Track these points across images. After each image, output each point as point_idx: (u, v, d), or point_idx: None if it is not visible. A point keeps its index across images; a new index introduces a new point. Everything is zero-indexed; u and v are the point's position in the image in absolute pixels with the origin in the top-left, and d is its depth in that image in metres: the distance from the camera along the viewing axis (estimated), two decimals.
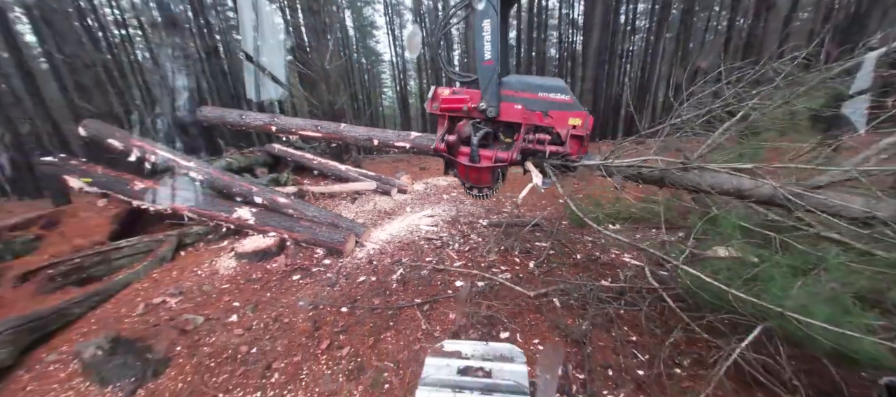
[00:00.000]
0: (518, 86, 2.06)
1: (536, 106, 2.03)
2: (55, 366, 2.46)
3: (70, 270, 3.28)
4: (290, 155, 8.34)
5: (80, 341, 2.53)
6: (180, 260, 4.05)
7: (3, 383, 2.35)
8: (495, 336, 2.77)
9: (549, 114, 2.02)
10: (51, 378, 2.38)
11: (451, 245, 4.52)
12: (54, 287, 3.16)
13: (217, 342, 2.78)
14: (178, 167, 4.97)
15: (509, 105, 2.09)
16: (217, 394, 2.32)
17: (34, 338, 2.57)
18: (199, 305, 3.19)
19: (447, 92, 2.28)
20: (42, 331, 2.63)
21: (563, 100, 1.98)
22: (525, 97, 2.05)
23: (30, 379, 2.38)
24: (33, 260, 3.42)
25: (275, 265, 3.91)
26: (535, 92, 2.01)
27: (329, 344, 2.75)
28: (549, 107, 2.01)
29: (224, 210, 4.48)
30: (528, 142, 2.13)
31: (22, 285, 3.11)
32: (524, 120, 2.09)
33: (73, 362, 2.43)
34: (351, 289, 3.52)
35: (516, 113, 2.08)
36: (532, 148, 2.14)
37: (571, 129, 2.00)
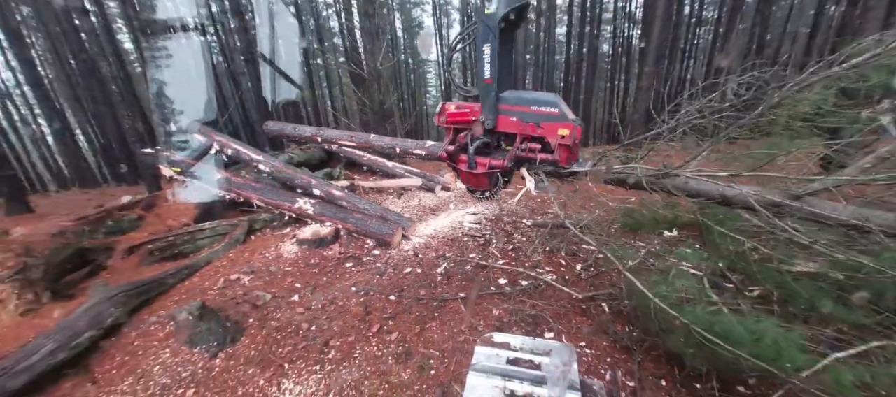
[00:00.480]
0: (514, 100, 2.28)
1: (529, 118, 2.24)
2: (155, 327, 2.90)
3: (164, 247, 3.82)
4: (342, 151, 8.86)
5: (175, 307, 2.96)
6: (251, 243, 4.52)
7: (116, 337, 2.82)
8: (540, 335, 2.77)
9: (541, 125, 2.21)
10: (152, 336, 2.82)
11: (495, 243, 4.55)
12: (152, 260, 3.70)
13: (282, 317, 3.09)
14: (250, 160, 5.53)
15: (506, 117, 2.32)
16: (283, 363, 2.59)
17: (139, 302, 3.05)
18: (267, 284, 3.55)
19: (453, 107, 2.56)
20: (144, 297, 3.11)
21: (552, 112, 2.16)
22: (520, 110, 2.26)
23: (136, 336, 2.83)
24: (137, 236, 4.04)
25: (330, 252, 4.22)
26: (529, 106, 2.23)
27: (379, 329, 2.93)
28: (540, 119, 2.20)
29: (287, 200, 4.91)
30: (522, 151, 2.34)
31: (128, 257, 3.69)
32: (519, 131, 2.31)
33: (169, 324, 2.85)
34: (398, 279, 3.70)
35: (512, 124, 2.31)
36: (525, 156, 2.35)
37: (560, 139, 2.17)
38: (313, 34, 22.11)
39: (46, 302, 2.94)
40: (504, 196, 6.84)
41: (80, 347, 2.44)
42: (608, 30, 23.69)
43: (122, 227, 4.13)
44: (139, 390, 2.35)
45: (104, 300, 2.73)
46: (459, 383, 2.39)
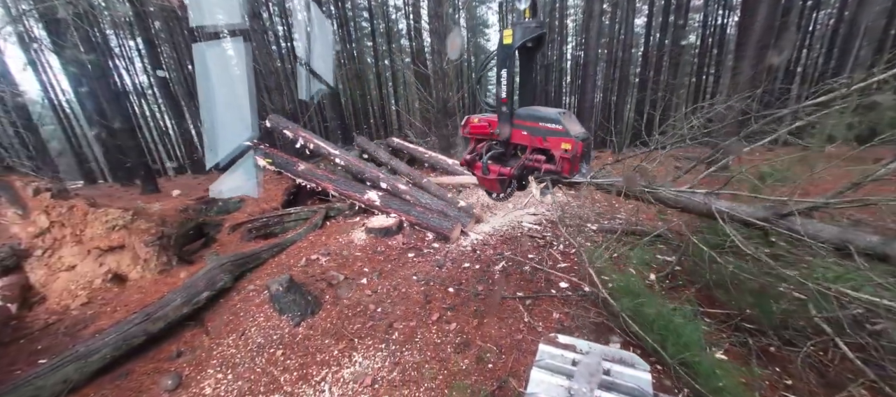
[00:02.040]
0: (525, 116, 2.56)
1: (537, 132, 2.51)
2: (253, 294, 3.41)
3: (260, 226, 4.44)
4: (406, 148, 9.29)
5: (268, 279, 3.44)
6: (327, 228, 5.02)
7: (224, 299, 3.37)
8: (604, 343, 2.67)
9: (547, 139, 2.47)
10: (251, 302, 3.31)
11: (556, 245, 4.44)
12: (250, 237, 4.33)
13: (353, 297, 3.40)
14: (329, 154, 6.10)
15: (518, 131, 2.62)
16: (353, 339, 2.87)
17: (241, 271, 3.60)
18: (340, 266, 3.93)
19: (476, 120, 2.92)
20: (245, 267, 3.67)
21: (556, 128, 2.41)
22: (530, 125, 2.53)
23: (239, 299, 3.36)
24: (239, 216, 4.74)
25: (394, 242, 4.50)
26: (537, 121, 2.50)
27: (439, 318, 3.07)
28: (546, 133, 2.47)
29: (358, 191, 5.33)
30: (529, 161, 2.63)
31: (232, 233, 4.35)
32: (529, 143, 2.59)
33: (263, 292, 3.32)
34: (456, 273, 3.82)
35: (523, 137, 2.60)
36: (531, 165, 2.62)
37: (563, 152, 2.39)
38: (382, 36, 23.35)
39: (175, 266, 3.64)
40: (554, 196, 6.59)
41: (198, 304, 2.98)
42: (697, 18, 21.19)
43: (229, 208, 4.89)
44: (241, 345, 2.79)
45: (216, 267, 3.29)
46: (516, 378, 2.43)
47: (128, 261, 3.51)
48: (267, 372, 2.55)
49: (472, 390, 2.32)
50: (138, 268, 3.52)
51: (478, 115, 2.99)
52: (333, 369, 2.60)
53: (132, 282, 3.50)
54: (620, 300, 2.73)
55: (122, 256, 3.54)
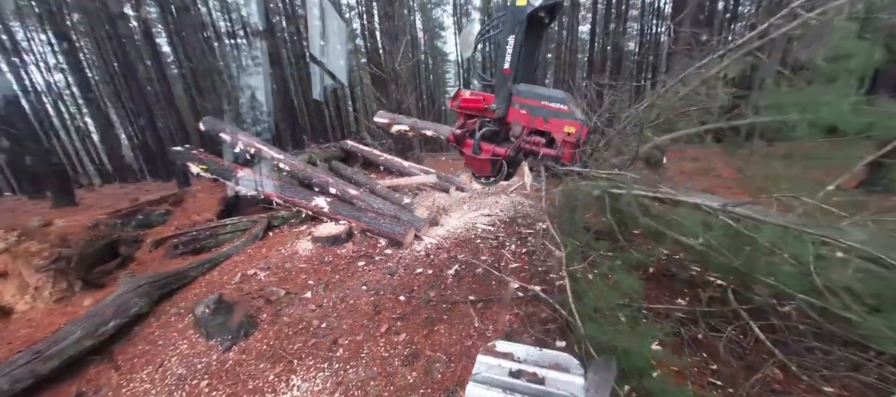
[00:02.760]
0: (526, 93, 2.32)
1: (538, 112, 2.29)
2: (175, 318, 3.03)
3: (189, 241, 4.00)
4: (360, 150, 8.99)
5: (195, 300, 3.08)
6: (269, 239, 4.66)
7: (139, 327, 2.97)
8: (551, 343, 2.70)
9: (549, 120, 2.25)
10: (171, 327, 2.95)
11: (508, 246, 4.47)
12: (176, 253, 3.88)
13: (294, 313, 3.15)
14: (272, 159, 5.69)
15: (516, 110, 2.38)
16: (292, 360, 2.64)
17: (162, 293, 3.20)
18: (281, 280, 3.64)
19: (467, 93, 2.64)
20: (167, 289, 3.26)
21: (560, 109, 2.19)
22: (530, 103, 2.31)
23: (158, 326, 2.97)
24: (164, 230, 4.24)
25: (344, 250, 4.28)
26: (539, 100, 2.27)
27: (387, 329, 2.93)
28: (548, 114, 2.24)
29: (304, 198, 5.02)
30: (526, 143, 2.40)
31: (155, 250, 3.88)
32: (527, 123, 2.36)
33: (188, 316, 2.97)
34: (409, 280, 3.71)
35: (521, 116, 2.37)
36: (528, 148, 2.41)
37: (565, 136, 2.22)
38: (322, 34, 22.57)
39: (78, 292, 3.14)
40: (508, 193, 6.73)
41: (105, 335, 2.58)
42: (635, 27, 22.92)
43: (152, 221, 4.36)
44: (157, 379, 2.46)
45: (130, 290, 2.88)
46: (464, 388, 2.36)
47: (12, 290, 2.95)
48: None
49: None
50: (27, 297, 2.97)
51: (469, 89, 2.72)
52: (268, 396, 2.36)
53: (19, 315, 2.95)
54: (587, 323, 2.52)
55: (4, 285, 2.97)
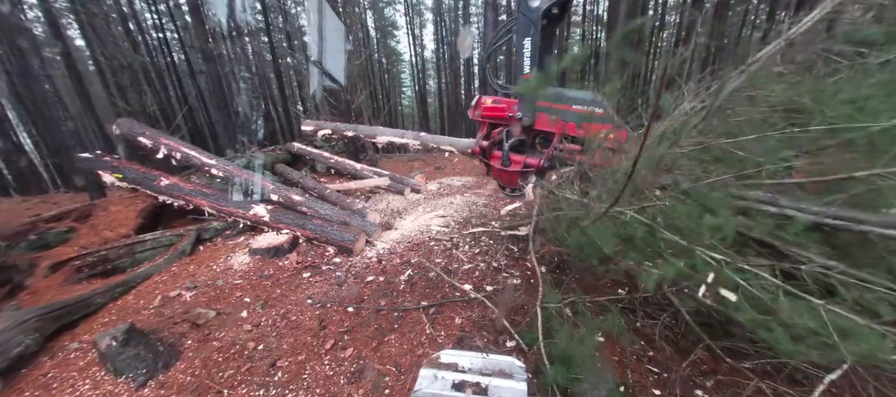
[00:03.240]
0: (554, 98, 2.08)
1: (570, 117, 2.04)
2: (76, 354, 2.59)
3: (96, 262, 3.46)
4: (309, 153, 8.53)
5: (101, 331, 2.65)
6: (199, 254, 4.19)
7: (28, 368, 2.49)
8: (502, 343, 2.68)
9: (582, 125, 2.04)
10: (70, 365, 2.50)
11: (461, 247, 4.44)
12: (80, 278, 3.34)
13: (226, 337, 2.84)
14: (202, 164, 5.15)
15: (544, 115, 2.11)
16: (222, 390, 2.36)
17: (59, 326, 2.71)
18: (212, 299, 3.28)
19: (489, 101, 2.43)
20: (67, 320, 2.78)
21: (596, 113, 1.97)
22: (560, 109, 2.07)
23: (52, 365, 2.51)
24: (65, 251, 3.64)
25: (287, 262, 3.97)
26: (571, 104, 2.03)
27: (333, 345, 2.74)
28: (582, 118, 2.02)
29: (241, 206, 4.60)
30: (560, 151, 2.13)
31: (52, 275, 3.30)
32: (558, 130, 2.12)
33: (91, 351, 2.54)
34: (359, 289, 3.52)
35: (551, 123, 2.04)
36: (563, 156, 2.15)
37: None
38: (282, 33, 21.36)
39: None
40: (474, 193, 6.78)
41: None
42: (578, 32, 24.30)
43: (48, 240, 3.71)
44: None
45: (12, 327, 2.40)
46: None
47: None
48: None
49: None
50: None
51: (490, 97, 2.42)
52: None
53: None
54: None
55: None
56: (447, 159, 12.52)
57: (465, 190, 7.60)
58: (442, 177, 9.15)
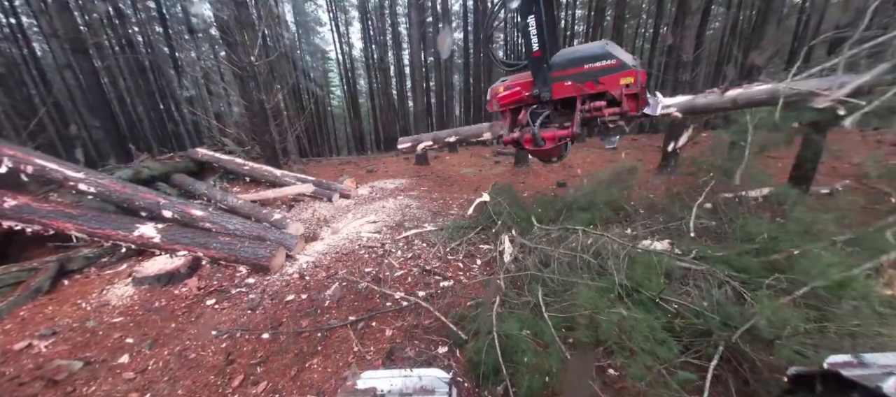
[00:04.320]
0: (564, 64, 2.11)
1: (586, 77, 2.09)
2: None
3: None
4: (217, 160, 7.54)
5: None
6: (62, 290, 3.37)
7: None
8: (433, 350, 2.61)
9: (600, 80, 2.06)
10: None
11: (394, 253, 4.29)
12: None
13: (98, 392, 2.30)
14: (64, 179, 4.18)
15: (560, 84, 2.16)
16: None
17: None
18: (78, 346, 2.64)
19: (503, 89, 2.38)
20: None
21: (609, 64, 2.01)
22: (573, 72, 2.11)
23: None
24: None
25: (184, 289, 3.40)
26: (582, 65, 2.07)
27: (243, 380, 2.40)
28: (598, 75, 2.05)
29: (122, 228, 3.83)
30: (587, 112, 2.20)
31: None
32: (577, 92, 2.15)
33: None
34: (277, 311, 3.16)
35: (568, 89, 2.15)
36: (590, 116, 2.21)
37: (625, 89, 2.04)
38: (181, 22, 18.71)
39: None
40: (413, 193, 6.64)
41: None
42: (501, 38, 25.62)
43: None
44: None
45: None
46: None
47: None
48: None
49: None
50: None
51: (501, 82, 2.40)
52: None
53: None
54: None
55: None
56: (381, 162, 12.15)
57: (399, 192, 7.43)
58: (374, 179, 8.83)
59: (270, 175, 7.10)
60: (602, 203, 4.65)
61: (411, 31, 10.69)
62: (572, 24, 24.00)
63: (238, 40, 6.55)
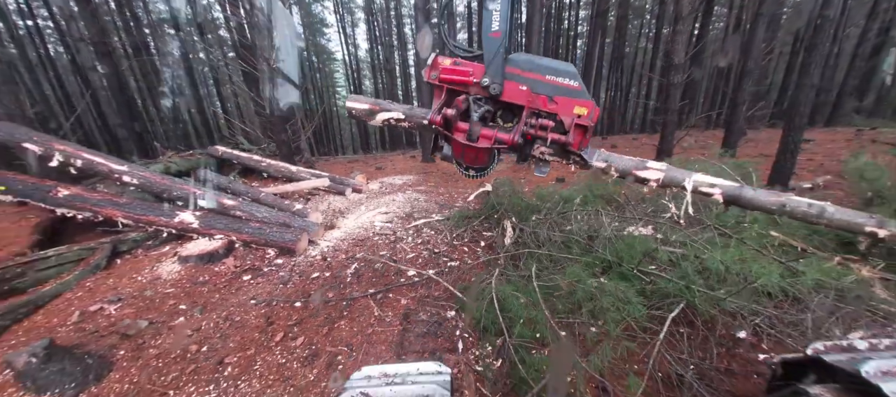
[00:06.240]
0: (526, 65, 1.90)
1: (543, 89, 1.89)
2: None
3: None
4: (236, 157, 8.04)
5: (9, 351, 2.40)
6: (116, 267, 3.85)
7: None
8: (443, 313, 3.03)
9: (555, 99, 1.89)
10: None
11: (405, 239, 4.73)
12: None
13: (164, 344, 2.76)
14: (109, 171, 4.67)
15: (514, 84, 1.93)
16: (167, 392, 2.35)
17: None
18: (141, 310, 3.11)
19: (448, 62, 2.09)
20: None
21: (570, 86, 1.85)
22: (532, 78, 1.90)
23: None
24: None
25: (223, 267, 3.87)
26: (544, 74, 1.88)
27: (283, 337, 2.85)
28: (555, 91, 1.88)
29: (164, 214, 4.30)
30: (530, 128, 1.98)
31: None
32: (528, 102, 1.93)
33: (5, 371, 2.31)
34: (305, 286, 3.62)
35: (521, 94, 1.93)
36: (533, 133, 2.00)
37: (576, 118, 1.89)
38: (192, 25, 19.26)
39: None
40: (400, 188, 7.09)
41: None
42: None
43: None
44: None
45: None
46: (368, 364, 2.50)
47: None
48: None
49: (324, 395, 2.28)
50: None
51: (449, 57, 2.10)
52: None
53: None
54: None
55: None
56: (388, 160, 12.63)
57: (407, 187, 7.89)
58: (383, 176, 9.30)
59: (287, 170, 7.58)
60: (596, 195, 5.06)
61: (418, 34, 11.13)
62: (576, 25, 24.36)
63: (257, 44, 7.03)
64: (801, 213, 2.25)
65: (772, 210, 2.29)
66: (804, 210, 2.24)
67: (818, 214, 2.22)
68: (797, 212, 2.25)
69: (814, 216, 2.23)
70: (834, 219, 2.21)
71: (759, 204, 2.29)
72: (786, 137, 4.81)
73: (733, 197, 2.32)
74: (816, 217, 2.23)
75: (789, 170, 5.05)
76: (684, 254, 3.07)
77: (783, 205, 2.25)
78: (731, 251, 2.64)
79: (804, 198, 2.27)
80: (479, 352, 2.59)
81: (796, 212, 2.25)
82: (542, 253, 3.47)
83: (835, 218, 2.20)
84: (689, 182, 2.31)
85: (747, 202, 2.30)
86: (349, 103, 2.76)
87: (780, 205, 2.25)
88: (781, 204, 2.25)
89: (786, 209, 2.25)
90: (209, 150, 8.27)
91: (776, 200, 2.26)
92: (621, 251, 3.17)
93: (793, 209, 2.25)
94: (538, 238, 3.81)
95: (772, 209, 2.28)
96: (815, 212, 2.22)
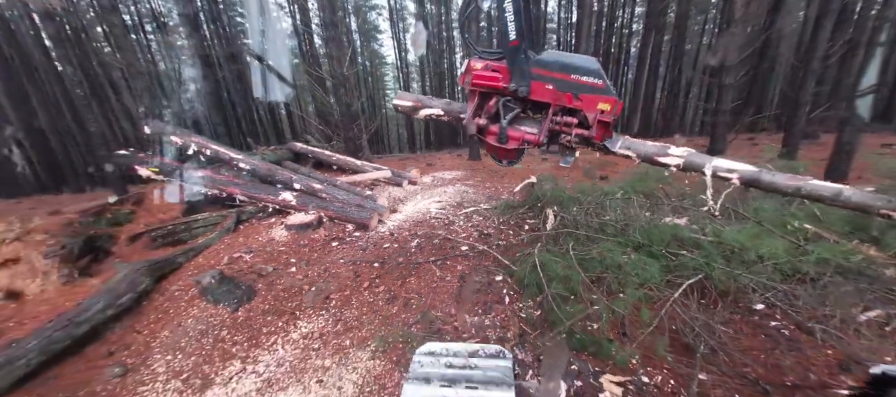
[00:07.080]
0: (552, 65, 2.00)
1: (568, 87, 2.00)
2: (179, 293, 3.45)
3: (165, 234, 4.27)
4: (310, 152, 9.36)
5: (192, 277, 3.51)
6: (241, 231, 5.04)
7: (147, 302, 3.34)
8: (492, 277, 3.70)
9: (580, 96, 1.99)
10: (178, 300, 3.37)
11: (457, 222, 5.48)
12: (155, 246, 4.15)
13: (285, 283, 3.76)
14: (230, 159, 5.97)
15: (541, 84, 2.04)
16: (295, 312, 3.30)
17: (159, 274, 3.56)
18: (266, 259, 4.17)
19: (480, 66, 2.20)
20: (162, 272, 3.62)
21: (595, 84, 1.94)
22: (558, 77, 2.00)
23: (163, 300, 3.37)
24: (134, 227, 4.42)
25: (317, 235, 4.89)
26: (569, 73, 1.98)
27: (369, 285, 3.71)
28: (580, 89, 1.98)
29: (270, 193, 5.46)
30: (556, 124, 2.13)
31: (133, 244, 4.09)
32: (554, 100, 2.05)
33: (192, 289, 3.42)
34: (379, 252, 4.49)
35: (547, 93, 2.04)
36: (559, 129, 2.15)
37: (599, 114, 1.99)
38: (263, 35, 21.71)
39: (78, 278, 3.34)
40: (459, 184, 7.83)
41: (122, 306, 2.96)
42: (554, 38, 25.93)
43: (120, 220, 4.47)
44: (180, 332, 2.95)
45: (134, 271, 3.23)
46: (434, 309, 3.27)
47: (24, 274, 3.07)
48: (217, 347, 2.82)
49: (403, 322, 3.08)
50: (37, 281, 3.11)
51: (480, 59, 2.21)
52: (282, 335, 3.02)
53: (32, 297, 3.07)
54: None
55: (15, 270, 3.07)
56: (437, 158, 13.55)
57: (456, 181, 8.66)
58: (434, 171, 10.17)
59: (353, 164, 8.71)
60: (636, 191, 5.43)
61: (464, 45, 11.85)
62: (630, 23, 23.62)
63: (334, 54, 8.22)
64: (818, 195, 2.32)
65: (788, 192, 2.42)
66: (820, 192, 2.30)
67: (834, 196, 2.26)
68: (814, 194, 2.32)
69: (829, 198, 2.29)
70: (851, 200, 2.23)
71: (777, 186, 2.42)
72: (840, 137, 4.79)
73: (752, 180, 2.44)
74: (832, 198, 2.27)
75: (844, 171, 5.00)
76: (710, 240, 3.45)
77: (799, 188, 2.35)
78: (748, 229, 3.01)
79: (820, 182, 2.36)
80: (522, 305, 3.24)
81: (813, 194, 2.32)
82: (580, 233, 4.01)
83: (852, 199, 2.23)
84: (709, 167, 2.56)
85: (766, 185, 2.43)
86: (396, 100, 3.18)
87: (796, 189, 2.36)
88: (798, 187, 2.35)
89: (801, 191, 2.35)
90: (288, 145, 9.69)
91: (793, 183, 2.36)
92: (652, 234, 3.63)
93: (809, 191, 2.32)
94: (577, 223, 4.35)
95: (788, 191, 2.41)
96: (830, 194, 2.27)
